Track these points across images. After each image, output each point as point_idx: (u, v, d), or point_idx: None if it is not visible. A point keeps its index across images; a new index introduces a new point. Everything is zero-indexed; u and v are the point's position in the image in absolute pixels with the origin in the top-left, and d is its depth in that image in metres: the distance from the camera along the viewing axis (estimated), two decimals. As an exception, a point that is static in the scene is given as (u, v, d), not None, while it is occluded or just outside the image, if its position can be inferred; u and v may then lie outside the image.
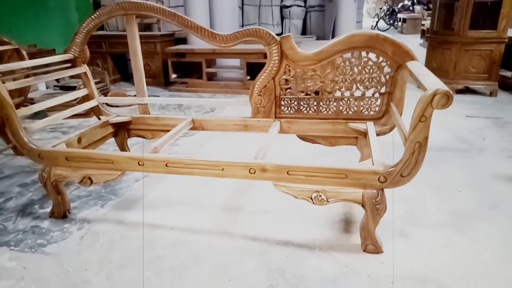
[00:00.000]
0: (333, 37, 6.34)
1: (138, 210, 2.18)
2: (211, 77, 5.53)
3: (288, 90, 2.21)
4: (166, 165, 1.84)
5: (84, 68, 2.50)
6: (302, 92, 2.19)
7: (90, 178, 1.96)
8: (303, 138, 2.32)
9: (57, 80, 5.15)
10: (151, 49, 5.58)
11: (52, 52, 4.81)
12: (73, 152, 1.98)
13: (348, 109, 2.19)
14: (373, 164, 1.68)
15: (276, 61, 2.12)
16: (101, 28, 6.58)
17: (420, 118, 1.49)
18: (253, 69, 5.15)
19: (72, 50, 2.43)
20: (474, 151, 2.95)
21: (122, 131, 2.60)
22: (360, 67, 2.08)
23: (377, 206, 1.65)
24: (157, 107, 4.46)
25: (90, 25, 2.34)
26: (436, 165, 2.64)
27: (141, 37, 2.60)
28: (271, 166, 1.72)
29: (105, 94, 4.68)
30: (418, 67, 1.87)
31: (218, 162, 1.78)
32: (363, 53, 2.04)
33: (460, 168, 2.64)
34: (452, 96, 1.43)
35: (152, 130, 2.54)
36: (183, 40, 5.92)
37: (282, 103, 2.25)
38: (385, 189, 1.66)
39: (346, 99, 2.17)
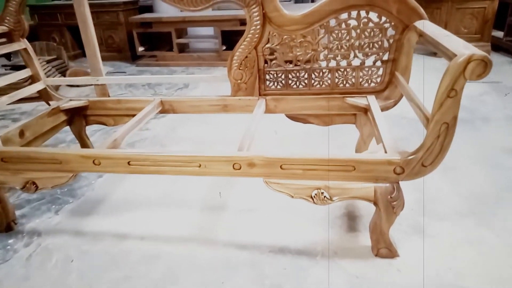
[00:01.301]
0: (313, 0, 5.89)
1: (101, 216, 1.82)
2: (183, 48, 5.04)
3: (274, 62, 1.84)
4: (129, 163, 1.47)
5: (23, 44, 2.06)
6: (291, 63, 1.83)
7: (34, 183, 1.58)
8: (292, 117, 1.98)
9: (8, 59, 4.58)
10: (113, 19, 4.97)
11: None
12: (9, 151, 1.57)
13: (345, 82, 1.86)
14: (385, 152, 1.36)
15: (258, 26, 1.74)
16: (56, -3, 5.90)
17: (449, 93, 1.18)
18: (229, 38, 4.70)
19: (6, 21, 1.98)
20: (478, 121, 2.68)
21: (78, 118, 2.18)
22: (358, 30, 1.73)
23: (393, 203, 1.34)
24: (123, 85, 4.00)
25: (24, -11, 1.87)
26: (441, 140, 2.35)
27: (101, 5, 2.17)
28: (260, 160, 1.37)
29: (63, 73, 4.15)
30: (431, 27, 1.54)
31: (195, 157, 1.42)
32: (362, 13, 1.68)
33: (467, 142, 2.36)
34: (491, 62, 1.11)
35: (114, 115, 2.13)
36: (149, 9, 5.35)
37: (267, 77, 1.89)
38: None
39: (342, 70, 1.83)
